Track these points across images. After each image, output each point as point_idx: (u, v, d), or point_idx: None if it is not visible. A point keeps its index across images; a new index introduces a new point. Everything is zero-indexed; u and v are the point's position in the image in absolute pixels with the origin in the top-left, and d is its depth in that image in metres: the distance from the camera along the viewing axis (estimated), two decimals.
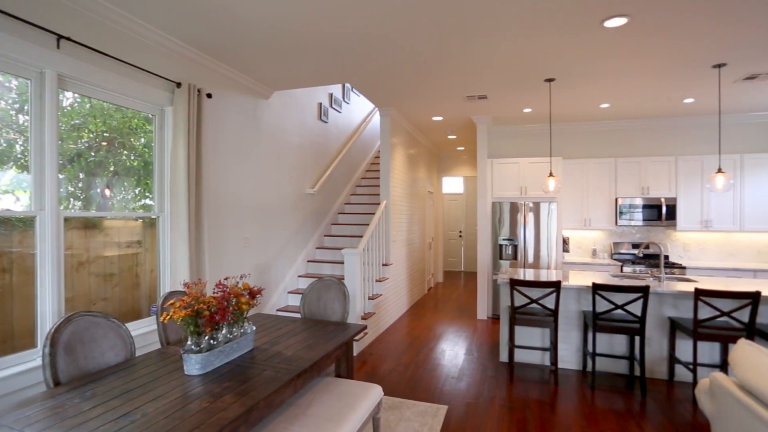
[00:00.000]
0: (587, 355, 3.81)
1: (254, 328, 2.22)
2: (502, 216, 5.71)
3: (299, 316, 4.02)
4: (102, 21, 2.70)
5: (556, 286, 3.47)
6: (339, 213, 6.37)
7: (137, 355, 2.73)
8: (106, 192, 2.91)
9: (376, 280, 5.08)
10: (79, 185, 2.73)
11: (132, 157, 3.09)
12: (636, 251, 5.78)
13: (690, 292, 3.41)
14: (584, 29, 3.03)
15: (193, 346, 1.87)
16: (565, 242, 6.00)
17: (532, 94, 4.66)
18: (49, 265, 2.43)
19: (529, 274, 4.27)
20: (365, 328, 2.75)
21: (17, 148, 2.35)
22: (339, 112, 6.57)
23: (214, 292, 2.05)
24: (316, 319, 2.86)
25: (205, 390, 1.68)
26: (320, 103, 5.90)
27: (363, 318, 4.55)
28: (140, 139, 3.14)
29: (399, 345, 4.60)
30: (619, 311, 3.61)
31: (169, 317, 1.82)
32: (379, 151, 7.46)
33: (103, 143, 2.88)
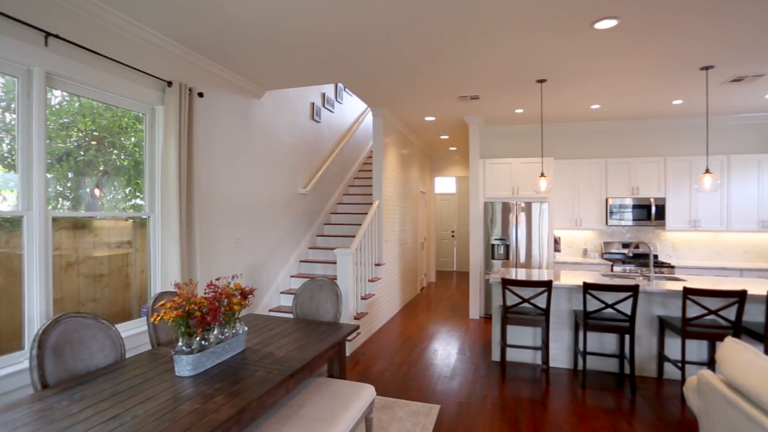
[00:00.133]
0: (578, 354, 3.84)
1: (246, 328, 2.21)
2: (494, 216, 5.75)
3: (291, 316, 4.01)
4: (91, 18, 2.66)
5: (547, 286, 3.50)
6: (331, 213, 6.36)
7: (127, 356, 2.70)
8: (95, 192, 2.88)
9: (369, 280, 5.08)
10: (68, 185, 2.70)
11: (122, 157, 3.05)
12: (626, 251, 5.85)
13: (678, 291, 3.46)
14: (575, 31, 3.06)
15: (184, 347, 1.85)
16: (557, 242, 6.05)
17: (524, 94, 4.69)
18: (36, 266, 2.39)
19: (520, 274, 4.30)
20: (358, 328, 2.75)
21: (4, 146, 2.31)
22: (332, 111, 6.55)
23: (205, 293, 2.04)
24: (309, 320, 2.85)
25: (197, 391, 1.67)
26: (313, 103, 5.88)
27: (356, 318, 4.54)
28: (131, 139, 3.11)
29: (392, 345, 4.60)
30: (610, 310, 3.65)
31: (159, 318, 1.80)
32: (372, 151, 7.46)
33: (92, 142, 2.85)
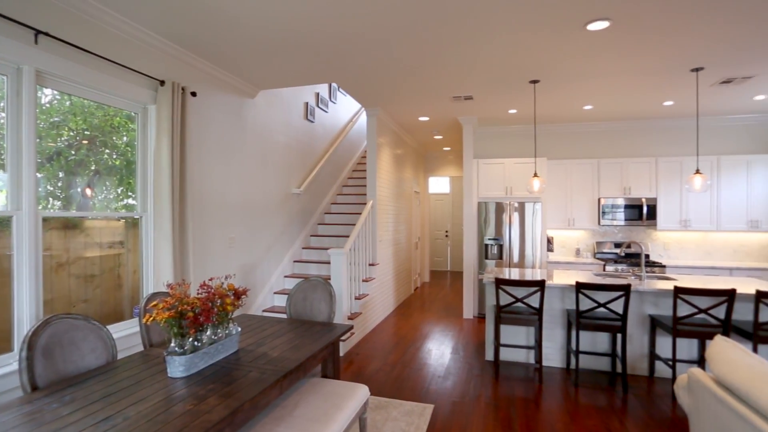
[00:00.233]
0: (571, 353, 3.87)
1: (239, 329, 2.20)
2: (487, 216, 5.77)
3: (285, 316, 3.99)
4: (82, 16, 2.63)
5: (540, 285, 3.52)
6: (325, 213, 6.35)
7: (119, 357, 2.68)
8: (87, 191, 2.85)
9: (363, 280, 5.08)
10: (59, 184, 2.67)
11: (114, 156, 3.03)
12: (618, 250, 5.90)
13: (669, 290, 3.50)
14: (568, 32, 3.08)
15: (176, 348, 1.84)
16: (550, 242, 6.09)
17: (518, 95, 4.72)
18: (26, 267, 2.36)
19: (514, 274, 4.33)
20: (352, 328, 2.75)
21: None
22: (325, 111, 6.54)
23: (198, 293, 2.02)
24: (303, 320, 2.84)
25: (189, 392, 1.66)
26: (306, 103, 5.87)
27: (349, 318, 4.54)
28: (122, 138, 3.08)
29: (385, 345, 4.61)
30: (602, 309, 3.68)
31: (152, 319, 1.79)
32: (366, 151, 7.46)
33: (83, 141, 2.82)
